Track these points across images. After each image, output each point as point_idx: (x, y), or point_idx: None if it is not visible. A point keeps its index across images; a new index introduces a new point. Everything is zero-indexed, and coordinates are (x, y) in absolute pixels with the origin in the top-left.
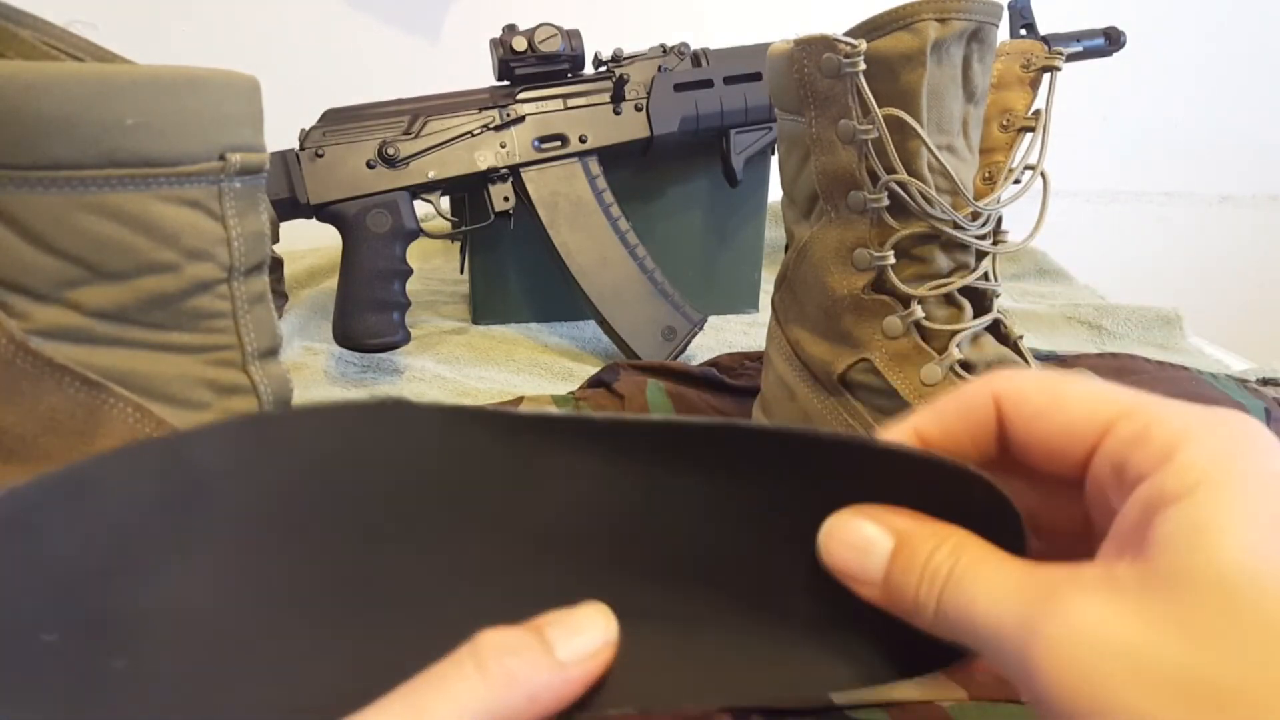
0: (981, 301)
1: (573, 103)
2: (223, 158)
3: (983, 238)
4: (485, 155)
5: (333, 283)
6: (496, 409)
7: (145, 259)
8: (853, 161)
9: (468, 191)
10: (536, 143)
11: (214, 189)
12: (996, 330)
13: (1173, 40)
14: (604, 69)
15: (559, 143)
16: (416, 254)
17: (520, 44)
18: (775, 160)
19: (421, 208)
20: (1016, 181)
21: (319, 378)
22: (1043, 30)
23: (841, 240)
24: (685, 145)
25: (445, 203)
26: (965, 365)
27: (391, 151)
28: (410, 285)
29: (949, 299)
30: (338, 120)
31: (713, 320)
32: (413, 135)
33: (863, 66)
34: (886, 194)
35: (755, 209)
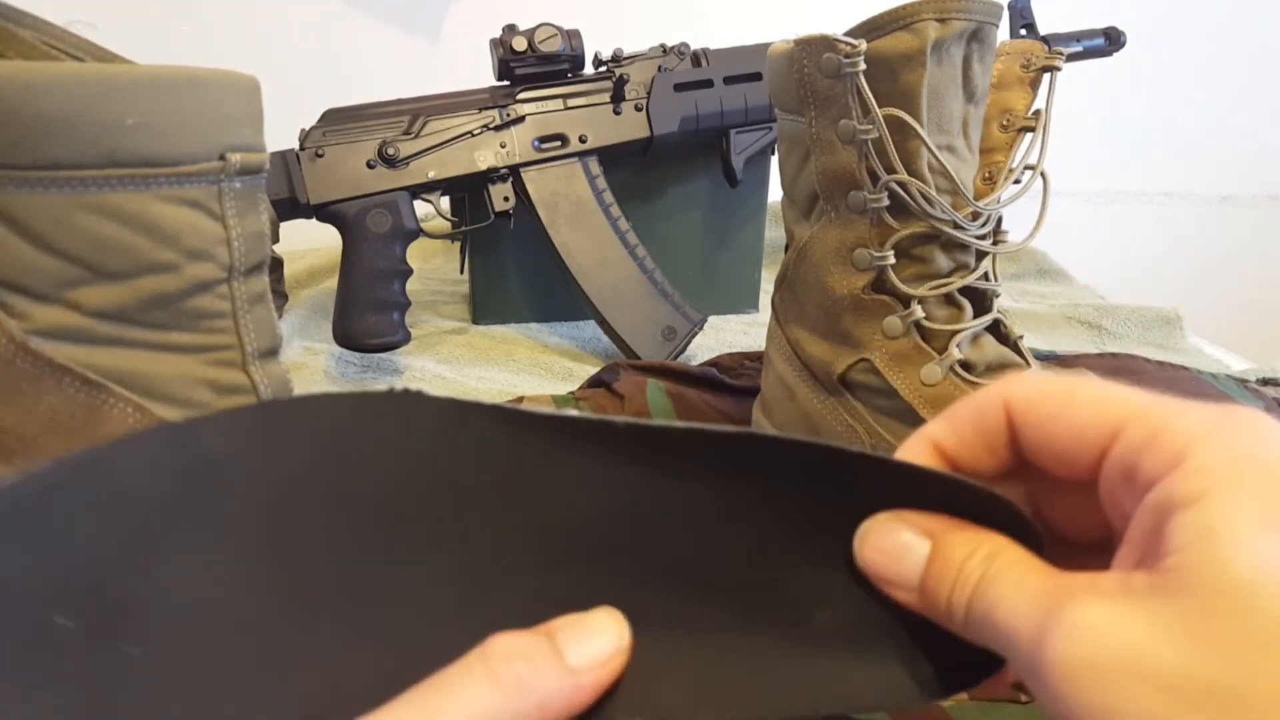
0: (981, 301)
1: (573, 103)
2: (223, 158)
3: (983, 238)
4: (485, 155)
5: (333, 283)
6: (512, 406)
7: (145, 259)
8: (853, 161)
9: (468, 191)
10: (536, 143)
11: (214, 189)
12: (996, 330)
13: (1173, 40)
14: (604, 69)
15: (559, 143)
16: (416, 254)
17: (520, 44)
18: (775, 160)
19: (421, 208)
20: (1016, 181)
21: (319, 378)
22: (1043, 30)
23: (841, 240)
24: (685, 145)
25: (445, 203)
26: (965, 365)
27: (391, 151)
28: (410, 285)
29: (949, 299)
30: (338, 120)
31: (713, 320)
32: (413, 135)
33: (863, 66)
34: (886, 194)
35: (755, 209)
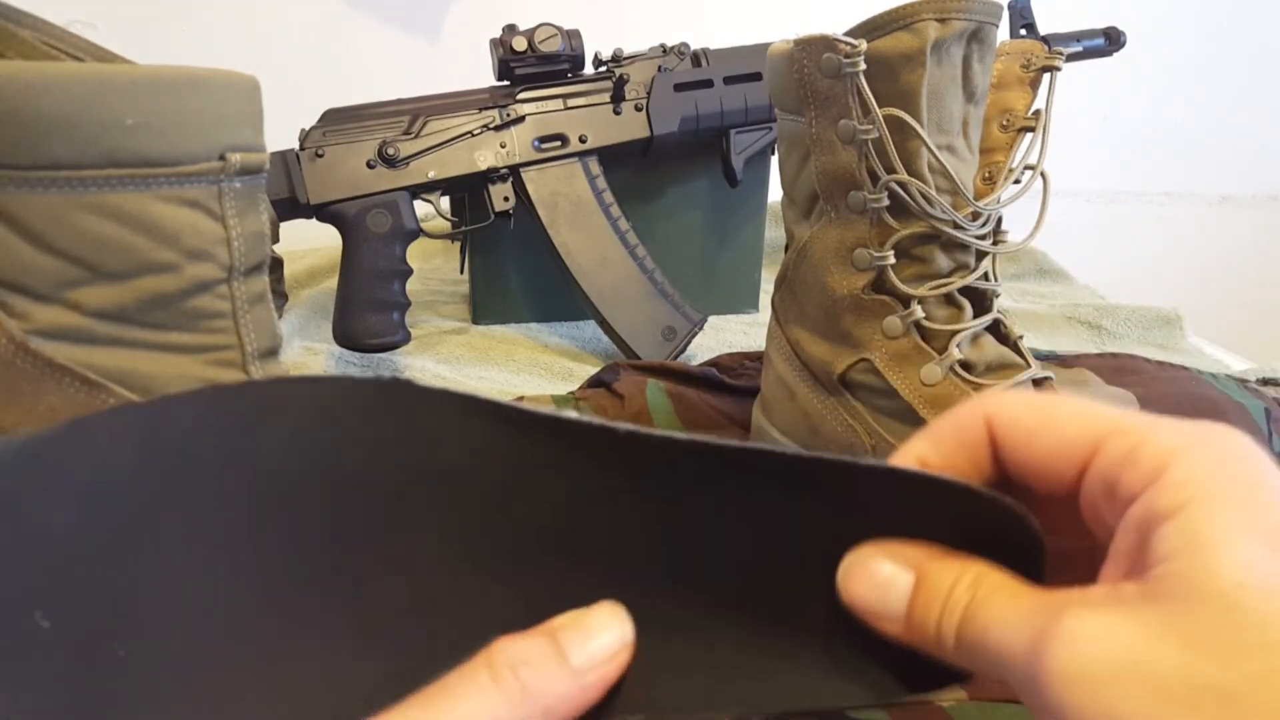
0: (981, 301)
1: (573, 103)
2: (223, 158)
3: (983, 238)
4: (485, 155)
5: (333, 283)
6: (514, 405)
7: (145, 259)
8: (853, 161)
9: (468, 191)
10: (536, 143)
11: (214, 189)
12: (996, 330)
13: (1173, 40)
14: (604, 69)
15: (559, 143)
16: (416, 254)
17: (520, 44)
18: (775, 160)
19: (421, 208)
20: (1016, 181)
21: None
22: (1043, 30)
23: (841, 240)
24: (685, 145)
25: (445, 203)
26: (965, 365)
27: (391, 151)
28: (410, 285)
29: (949, 299)
30: (338, 120)
31: (713, 320)
32: (413, 135)
33: (863, 66)
34: (886, 194)
35: (755, 209)
